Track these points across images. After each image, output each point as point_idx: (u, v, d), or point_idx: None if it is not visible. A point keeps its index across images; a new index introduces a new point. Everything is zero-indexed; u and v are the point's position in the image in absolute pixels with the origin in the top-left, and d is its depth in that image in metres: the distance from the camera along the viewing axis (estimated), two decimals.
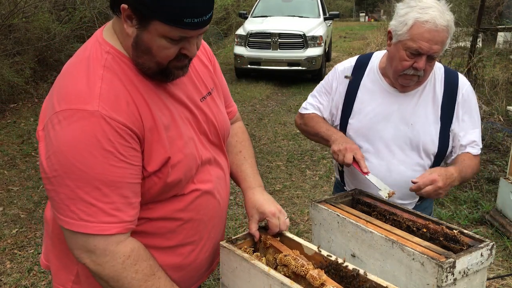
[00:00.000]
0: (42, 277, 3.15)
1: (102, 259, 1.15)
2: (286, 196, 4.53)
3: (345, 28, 24.37)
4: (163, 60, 1.17)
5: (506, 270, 3.16)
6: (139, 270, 1.19)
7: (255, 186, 1.53)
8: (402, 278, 1.36)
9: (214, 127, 1.39)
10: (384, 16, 27.46)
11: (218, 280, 3.03)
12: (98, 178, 1.11)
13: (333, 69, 2.05)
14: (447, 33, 1.68)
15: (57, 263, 1.36)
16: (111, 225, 1.15)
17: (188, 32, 1.12)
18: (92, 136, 1.09)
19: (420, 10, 1.66)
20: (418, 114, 1.85)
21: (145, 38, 1.13)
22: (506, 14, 10.83)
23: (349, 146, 1.78)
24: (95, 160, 1.10)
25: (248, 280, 1.30)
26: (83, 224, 1.13)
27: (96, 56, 1.17)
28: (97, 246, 1.15)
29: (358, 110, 1.91)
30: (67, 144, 1.09)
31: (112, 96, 1.13)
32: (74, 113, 1.10)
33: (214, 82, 1.46)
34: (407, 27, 1.68)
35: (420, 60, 1.70)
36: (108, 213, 1.14)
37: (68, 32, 8.46)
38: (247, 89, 9.18)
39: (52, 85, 1.22)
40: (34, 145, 5.73)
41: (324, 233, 1.64)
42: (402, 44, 1.71)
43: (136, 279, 1.18)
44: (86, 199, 1.11)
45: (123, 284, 1.17)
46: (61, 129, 1.10)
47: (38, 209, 4.12)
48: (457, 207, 4.06)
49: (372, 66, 1.93)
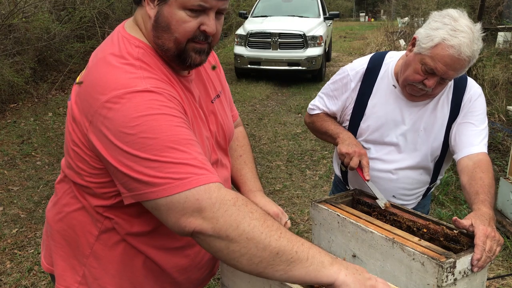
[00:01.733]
0: (42, 277, 3.15)
1: (212, 210, 1.04)
2: (286, 196, 4.53)
3: (345, 28, 24.39)
4: (182, 37, 1.16)
5: (506, 270, 3.16)
6: (253, 210, 1.07)
7: (255, 190, 1.53)
8: (402, 278, 1.36)
9: (222, 129, 1.40)
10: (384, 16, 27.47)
11: (218, 280, 3.03)
12: (171, 139, 1.06)
13: (342, 71, 1.98)
14: (468, 62, 1.62)
15: (62, 264, 1.33)
16: (206, 175, 1.07)
17: (207, 1, 1.13)
18: (148, 107, 1.07)
19: (451, 32, 1.58)
20: (428, 120, 1.83)
21: (165, 13, 1.14)
22: (506, 14, 10.83)
23: (357, 150, 1.76)
24: (160, 125, 1.06)
25: (248, 280, 1.30)
26: (179, 183, 1.04)
27: (128, 51, 1.16)
28: (201, 198, 1.04)
29: (370, 114, 1.88)
30: (125, 125, 1.06)
31: (154, 80, 1.13)
32: (123, 95, 1.07)
33: (222, 85, 1.48)
34: (432, 43, 1.61)
35: (432, 79, 1.66)
36: (197, 166, 1.07)
37: (68, 32, 8.47)
38: (247, 89, 9.18)
39: (52, 85, 1.21)
40: (34, 145, 5.73)
41: (324, 233, 1.64)
42: (421, 58, 1.65)
43: (255, 218, 1.05)
44: (170, 161, 1.05)
45: (244, 228, 1.03)
46: (116, 113, 1.06)
47: (38, 209, 4.12)
48: (457, 207, 4.06)
49: (387, 69, 1.88)
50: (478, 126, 1.78)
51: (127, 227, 1.24)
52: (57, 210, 1.34)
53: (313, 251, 1.06)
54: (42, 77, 8.21)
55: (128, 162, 1.06)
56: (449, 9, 1.66)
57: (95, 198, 1.23)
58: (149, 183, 1.05)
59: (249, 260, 1.04)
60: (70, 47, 8.55)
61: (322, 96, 2.04)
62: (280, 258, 1.04)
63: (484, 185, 1.60)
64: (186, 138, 1.09)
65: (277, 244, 1.04)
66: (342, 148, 1.79)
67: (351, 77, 1.91)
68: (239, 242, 1.03)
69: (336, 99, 1.97)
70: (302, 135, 6.42)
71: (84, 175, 1.20)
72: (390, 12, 25.46)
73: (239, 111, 1.65)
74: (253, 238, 1.03)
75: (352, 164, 1.75)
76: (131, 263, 1.28)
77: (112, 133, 1.07)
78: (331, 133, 1.92)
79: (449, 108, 1.83)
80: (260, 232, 1.04)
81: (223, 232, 1.03)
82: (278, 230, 1.06)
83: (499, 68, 7.59)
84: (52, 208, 1.37)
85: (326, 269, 1.04)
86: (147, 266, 1.29)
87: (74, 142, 1.18)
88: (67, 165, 1.26)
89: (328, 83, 2.04)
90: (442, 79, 1.67)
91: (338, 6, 31.07)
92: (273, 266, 1.04)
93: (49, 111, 7.08)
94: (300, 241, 1.06)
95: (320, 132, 2.02)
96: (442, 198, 4.17)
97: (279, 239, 1.04)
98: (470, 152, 1.72)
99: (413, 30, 13.07)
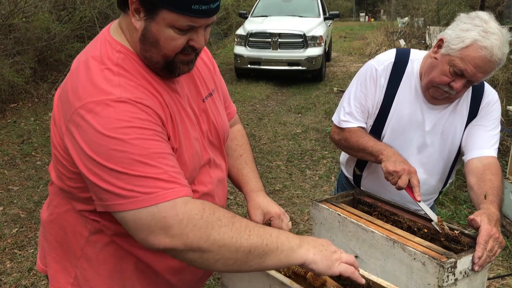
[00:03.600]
0: (42, 277, 3.15)
1: (179, 227, 1.05)
2: (286, 196, 4.53)
3: (345, 28, 24.38)
4: (170, 52, 1.16)
5: (506, 270, 3.16)
6: (221, 216, 1.09)
7: (258, 190, 1.52)
8: (403, 278, 1.36)
9: (214, 128, 1.38)
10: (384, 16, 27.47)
11: (218, 280, 3.03)
12: (140, 153, 1.06)
13: (369, 67, 1.85)
14: (497, 66, 1.59)
15: (55, 266, 1.33)
16: (174, 189, 1.07)
17: (196, 21, 1.12)
18: (120, 119, 1.07)
19: (483, 33, 1.55)
20: (447, 125, 1.81)
21: (153, 29, 1.12)
22: (506, 14, 10.84)
23: (407, 168, 1.61)
24: (130, 139, 1.06)
25: (248, 280, 1.30)
26: (146, 197, 1.05)
27: (108, 55, 1.16)
28: (168, 216, 1.04)
29: (395, 114, 1.81)
30: (96, 135, 1.06)
31: (131, 88, 1.12)
32: (97, 103, 1.07)
33: (215, 83, 1.46)
34: (462, 44, 1.57)
35: (459, 81, 1.62)
36: (166, 180, 1.07)
37: (68, 32, 8.47)
38: (247, 89, 9.18)
39: (52, 84, 1.21)
40: (34, 145, 5.73)
41: (324, 232, 1.64)
42: (450, 59, 1.61)
43: (224, 224, 1.07)
44: (138, 175, 1.05)
45: (214, 237, 1.05)
46: (88, 122, 1.07)
47: (38, 208, 4.12)
48: (457, 207, 4.06)
49: (412, 69, 1.81)
50: (491, 131, 1.77)
51: (114, 228, 1.23)
52: (49, 212, 1.34)
53: (282, 238, 1.12)
54: (42, 77, 8.21)
55: (97, 171, 1.07)
56: (478, 11, 1.63)
57: (79, 203, 1.23)
58: (116, 194, 1.06)
59: (224, 263, 1.09)
60: (70, 47, 8.55)
61: (351, 102, 1.86)
62: (253, 254, 1.09)
63: (494, 187, 1.59)
64: (156, 152, 1.09)
65: (248, 243, 1.08)
66: (389, 166, 1.63)
67: (380, 73, 1.82)
68: (212, 251, 1.07)
69: (368, 98, 1.83)
70: (302, 135, 6.42)
71: (64, 179, 1.21)
72: (390, 12, 25.47)
73: (239, 111, 1.64)
74: (224, 245, 1.07)
75: (401, 183, 1.59)
76: (122, 265, 1.28)
77: (84, 141, 1.08)
78: (371, 150, 1.74)
79: (467, 113, 1.81)
80: (231, 237, 1.07)
81: (194, 245, 1.06)
82: (246, 229, 1.10)
83: (499, 68, 7.59)
84: (46, 210, 1.38)
85: (296, 252, 1.11)
86: (140, 268, 1.28)
87: (54, 145, 1.20)
88: (53, 168, 1.27)
89: (353, 85, 1.88)
90: (468, 81, 1.63)
91: (338, 6, 31.07)
92: (246, 262, 1.09)
93: (49, 111, 7.08)
94: (268, 232, 1.12)
95: (355, 150, 1.82)
96: (442, 198, 4.17)
97: (249, 237, 1.09)
98: (481, 154, 1.71)
99: (413, 30, 13.09)
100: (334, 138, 1.92)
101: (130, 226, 1.08)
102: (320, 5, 11.20)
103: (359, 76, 1.88)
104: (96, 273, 1.28)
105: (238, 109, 1.67)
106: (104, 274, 1.28)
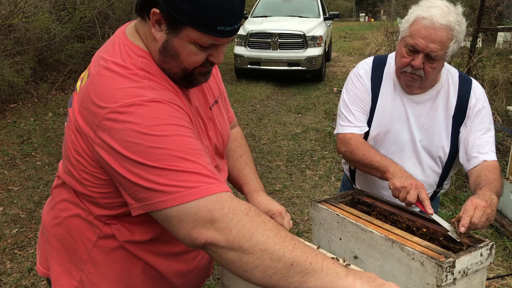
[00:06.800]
0: (42, 277, 3.15)
1: (224, 220, 1.01)
2: (286, 196, 4.53)
3: (345, 28, 24.40)
4: (190, 66, 1.16)
5: (506, 270, 3.16)
6: (266, 220, 1.05)
7: (258, 190, 1.54)
8: (401, 277, 1.36)
9: (221, 136, 1.39)
10: (384, 16, 27.47)
11: (218, 280, 3.03)
12: (180, 149, 1.04)
13: (350, 74, 1.98)
14: (447, 33, 1.64)
15: (59, 269, 1.32)
16: (216, 184, 1.05)
17: (219, 40, 1.12)
18: (156, 117, 1.05)
19: (424, 8, 1.67)
20: (432, 119, 1.85)
21: (175, 44, 1.12)
22: (506, 14, 10.83)
23: (414, 183, 1.61)
24: (168, 136, 1.05)
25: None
26: (190, 191, 1.02)
27: (131, 60, 1.15)
28: (214, 209, 1.01)
29: (380, 112, 1.89)
30: (132, 135, 1.04)
31: (160, 90, 1.12)
32: (130, 105, 1.05)
33: (220, 89, 1.47)
34: (408, 23, 1.70)
35: (417, 57, 1.69)
36: (207, 176, 1.05)
37: (68, 32, 8.47)
38: (247, 89, 9.18)
39: (52, 85, 1.21)
40: (34, 145, 5.74)
41: (324, 232, 1.64)
42: (404, 41, 1.73)
43: (269, 228, 1.03)
44: (180, 170, 1.03)
45: (257, 239, 1.01)
46: (122, 123, 1.05)
47: (38, 209, 4.12)
48: (457, 207, 4.06)
49: (390, 69, 1.91)
50: (485, 134, 1.81)
51: (128, 235, 1.23)
52: (54, 215, 1.32)
53: (327, 262, 1.04)
54: (42, 77, 8.22)
55: (137, 170, 1.04)
56: None
57: (98, 208, 1.21)
58: (159, 191, 1.03)
59: (263, 272, 1.02)
60: (70, 47, 8.56)
61: (347, 108, 1.92)
62: (295, 269, 1.01)
63: (488, 179, 1.64)
64: (194, 148, 1.07)
65: (291, 255, 1.01)
66: (396, 183, 1.64)
67: (362, 74, 1.93)
68: (252, 253, 1.01)
69: (361, 93, 1.91)
70: (302, 135, 6.42)
71: (87, 185, 1.18)
72: (390, 12, 25.47)
73: (239, 111, 1.65)
74: (267, 249, 1.01)
75: (410, 198, 1.58)
76: (129, 269, 1.28)
77: (119, 143, 1.05)
78: (377, 166, 1.76)
79: (453, 110, 1.84)
80: (274, 243, 1.01)
81: (236, 243, 1.01)
82: (291, 241, 1.04)
83: (499, 68, 7.60)
84: (49, 212, 1.35)
85: (342, 279, 1.01)
86: (147, 272, 1.29)
87: (78, 152, 1.16)
88: (67, 171, 1.24)
89: (344, 96, 1.95)
90: (427, 56, 1.69)
91: (338, 6, 31.08)
92: (287, 278, 1.01)
93: (49, 111, 7.09)
94: (313, 252, 1.04)
95: (362, 165, 1.84)
96: (442, 198, 4.17)
97: (293, 250, 1.02)
98: (479, 162, 1.76)
99: None
100: (340, 150, 1.94)
101: (173, 222, 1.04)
102: (320, 5, 11.21)
103: (346, 85, 1.98)
104: (103, 277, 1.27)
105: (238, 109, 1.68)
106: (111, 278, 1.27)
